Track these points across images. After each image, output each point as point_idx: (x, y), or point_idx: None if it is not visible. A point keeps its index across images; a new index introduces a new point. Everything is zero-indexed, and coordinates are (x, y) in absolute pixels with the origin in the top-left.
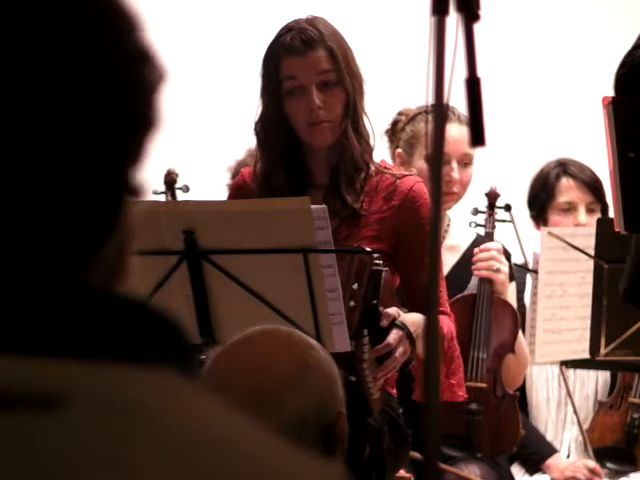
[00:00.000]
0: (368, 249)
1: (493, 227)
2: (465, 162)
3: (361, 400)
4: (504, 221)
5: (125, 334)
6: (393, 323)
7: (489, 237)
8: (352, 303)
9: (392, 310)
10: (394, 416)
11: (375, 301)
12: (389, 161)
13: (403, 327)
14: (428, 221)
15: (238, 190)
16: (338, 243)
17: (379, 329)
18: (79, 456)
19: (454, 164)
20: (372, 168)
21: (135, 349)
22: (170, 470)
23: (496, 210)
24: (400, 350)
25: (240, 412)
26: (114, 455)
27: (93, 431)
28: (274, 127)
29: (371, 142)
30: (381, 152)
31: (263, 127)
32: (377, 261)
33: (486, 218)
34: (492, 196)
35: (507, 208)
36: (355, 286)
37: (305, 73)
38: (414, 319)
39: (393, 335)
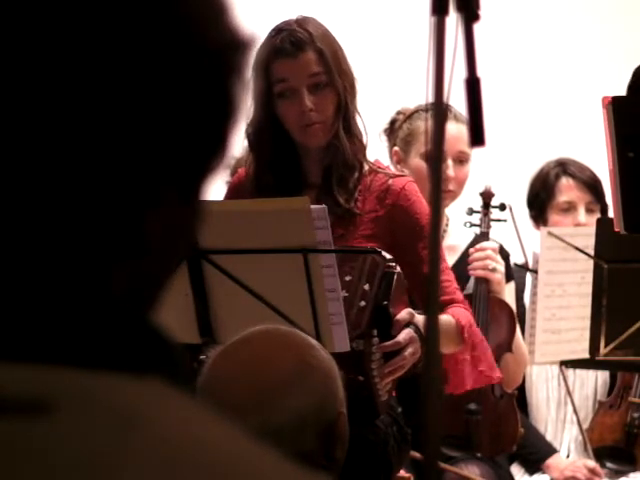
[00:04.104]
0: (379, 250)
1: (488, 227)
2: (461, 160)
3: (368, 400)
4: (499, 220)
5: (114, 343)
6: (406, 325)
7: (484, 237)
8: (363, 303)
9: (404, 314)
10: (394, 416)
11: (386, 302)
12: (387, 160)
13: (416, 330)
14: (422, 215)
15: (235, 190)
16: (333, 242)
17: (389, 330)
18: (63, 462)
19: (449, 161)
20: (366, 167)
21: (125, 358)
22: (155, 478)
23: (491, 210)
24: (410, 350)
25: (231, 422)
26: (99, 461)
27: (79, 437)
28: (265, 129)
29: (364, 141)
30: (380, 151)
31: (255, 130)
32: (390, 263)
33: (481, 218)
34: (487, 196)
35: (502, 207)
36: (366, 286)
37: (295, 76)
38: None
39: (403, 334)
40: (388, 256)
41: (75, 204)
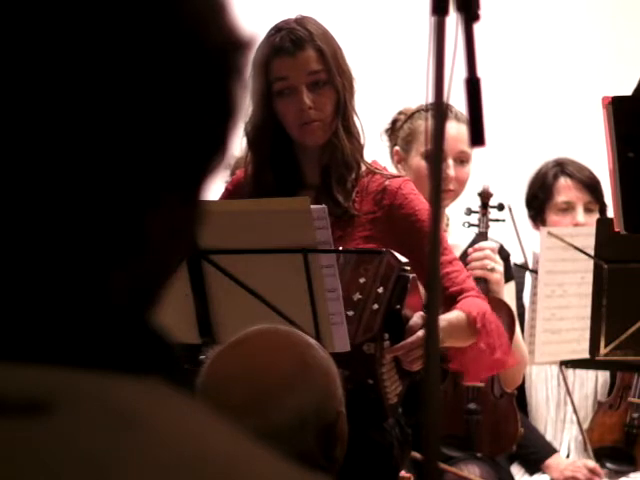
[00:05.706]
0: (381, 250)
1: (487, 227)
2: (462, 159)
3: (377, 403)
4: (497, 220)
5: (114, 343)
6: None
7: (483, 237)
8: (376, 306)
9: (417, 319)
10: (396, 417)
11: (399, 306)
12: (388, 159)
13: None
14: (422, 211)
15: (232, 191)
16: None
17: (401, 334)
18: (63, 462)
19: (450, 161)
20: (363, 168)
21: (125, 358)
22: (154, 478)
23: (489, 210)
24: (420, 351)
25: (231, 422)
26: (99, 461)
27: (79, 437)
28: (264, 128)
29: (361, 141)
30: (381, 151)
31: (253, 128)
32: (405, 267)
33: (479, 218)
34: (485, 196)
35: (500, 207)
36: (380, 289)
37: (295, 74)
38: (442, 318)
39: (414, 337)
40: (403, 259)
41: (75, 204)
